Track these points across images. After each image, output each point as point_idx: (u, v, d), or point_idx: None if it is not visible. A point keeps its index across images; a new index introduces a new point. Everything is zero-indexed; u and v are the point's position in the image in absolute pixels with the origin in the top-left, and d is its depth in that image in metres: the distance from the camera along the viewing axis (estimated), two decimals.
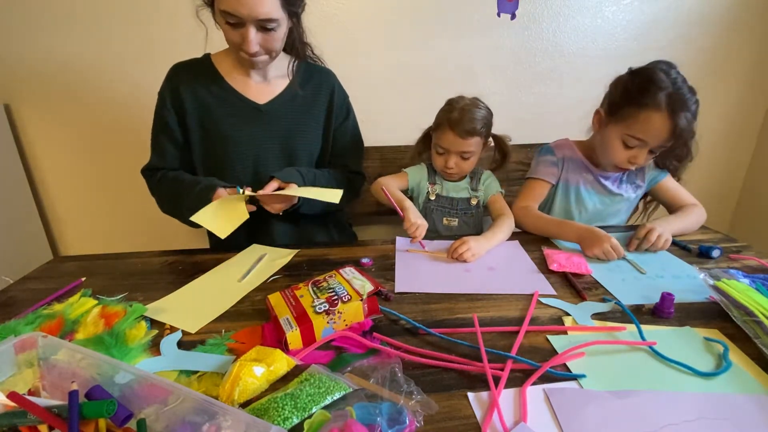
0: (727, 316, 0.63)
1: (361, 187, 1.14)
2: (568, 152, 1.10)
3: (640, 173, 1.07)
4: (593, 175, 1.07)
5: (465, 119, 0.96)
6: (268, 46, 0.87)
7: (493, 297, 0.72)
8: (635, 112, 0.88)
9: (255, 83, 0.98)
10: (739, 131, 1.68)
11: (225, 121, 0.96)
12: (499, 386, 0.50)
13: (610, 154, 0.96)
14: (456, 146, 0.98)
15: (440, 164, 1.03)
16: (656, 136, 0.88)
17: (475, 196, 1.07)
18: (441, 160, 1.02)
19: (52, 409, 0.39)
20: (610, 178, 1.07)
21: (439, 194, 1.07)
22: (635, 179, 1.07)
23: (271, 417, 0.44)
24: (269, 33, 0.84)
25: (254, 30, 0.82)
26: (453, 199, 1.07)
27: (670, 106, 0.85)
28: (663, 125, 0.86)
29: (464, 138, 0.97)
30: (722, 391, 0.50)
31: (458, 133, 0.96)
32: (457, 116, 0.96)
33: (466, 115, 0.96)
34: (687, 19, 1.49)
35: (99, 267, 0.87)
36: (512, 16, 1.44)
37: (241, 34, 0.83)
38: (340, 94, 1.06)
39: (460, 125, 0.96)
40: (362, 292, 0.64)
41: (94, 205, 1.56)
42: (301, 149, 1.01)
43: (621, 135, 0.92)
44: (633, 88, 0.90)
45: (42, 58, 1.35)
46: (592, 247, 0.85)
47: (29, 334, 0.47)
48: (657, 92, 0.85)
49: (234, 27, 0.83)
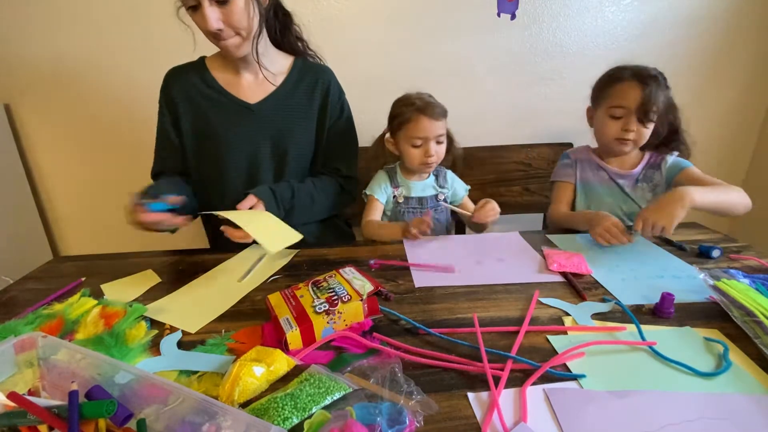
0: (727, 316, 0.63)
1: (354, 190, 1.12)
2: (582, 155, 1.15)
3: (657, 170, 1.07)
4: (608, 173, 1.10)
5: (431, 103, 0.99)
6: (230, 22, 0.84)
7: (494, 297, 0.72)
8: (610, 89, 1.01)
9: (247, 83, 0.97)
10: (739, 131, 1.68)
11: (216, 121, 0.96)
12: (499, 386, 0.50)
13: (606, 132, 1.03)
14: (433, 130, 0.99)
15: (419, 157, 1.01)
16: (634, 99, 0.97)
17: (442, 192, 1.09)
18: (420, 153, 1.01)
19: (52, 409, 0.39)
20: (625, 177, 1.09)
21: (406, 196, 1.07)
22: (652, 176, 1.07)
23: (271, 417, 0.44)
24: (225, 6, 0.82)
25: (208, 3, 0.81)
26: (421, 198, 1.08)
27: (636, 76, 0.98)
28: (636, 91, 0.97)
29: (438, 119, 0.99)
30: (722, 391, 0.49)
31: (432, 116, 0.98)
32: (422, 103, 0.98)
33: (429, 100, 1.00)
34: (687, 19, 1.49)
35: (99, 267, 0.87)
36: (512, 16, 1.44)
37: (201, 15, 0.82)
38: (336, 91, 1.04)
39: (430, 108, 0.98)
40: (362, 292, 0.64)
41: (94, 205, 1.56)
42: (293, 149, 1.00)
43: (606, 111, 1.01)
44: (605, 77, 1.05)
45: (42, 58, 1.35)
46: (595, 227, 0.88)
47: (29, 334, 0.47)
48: (623, 70, 1.01)
49: (195, 10, 0.83)
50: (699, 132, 1.66)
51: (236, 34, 0.86)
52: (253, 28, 0.88)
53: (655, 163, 1.08)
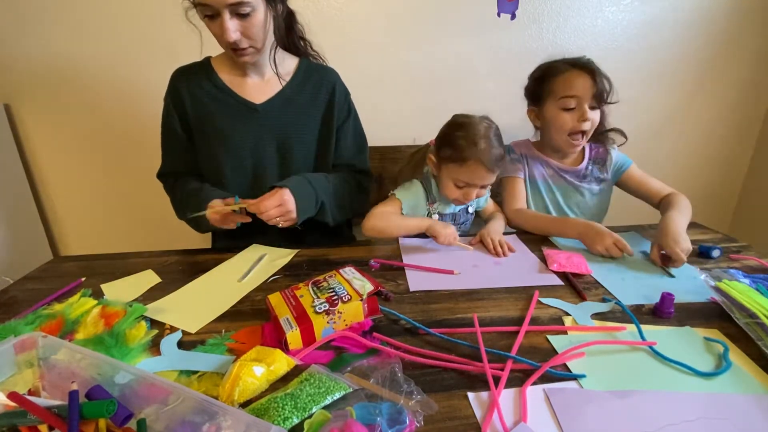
0: (726, 316, 0.63)
1: (369, 185, 1.13)
2: (525, 150, 1.14)
3: (602, 166, 1.10)
4: (553, 169, 1.10)
5: (493, 151, 0.88)
6: (248, 34, 0.85)
7: (494, 297, 0.72)
8: (553, 83, 1.00)
9: (252, 83, 0.98)
10: (739, 131, 1.68)
11: (221, 121, 0.96)
12: (499, 386, 0.50)
13: (561, 126, 1.02)
14: (483, 180, 0.90)
15: (457, 197, 0.94)
16: (584, 87, 0.98)
17: (470, 204, 1.05)
18: (459, 194, 0.93)
19: (52, 409, 0.39)
20: (570, 172, 1.10)
21: (441, 213, 1.02)
22: (599, 172, 1.10)
23: (271, 417, 0.44)
24: (246, 19, 0.83)
25: (228, 16, 0.81)
26: (455, 215, 1.04)
27: (575, 65, 1.00)
28: (583, 78, 0.98)
29: (494, 171, 0.90)
30: (722, 391, 0.49)
31: (488, 166, 0.88)
32: (485, 146, 0.87)
33: (492, 143, 0.88)
34: (687, 19, 1.48)
35: (99, 267, 0.87)
36: (512, 16, 1.43)
37: (219, 24, 0.82)
38: (341, 92, 1.05)
39: (491, 158, 0.87)
40: (362, 292, 0.64)
41: (94, 205, 1.56)
42: (297, 149, 1.00)
43: (557, 105, 1.00)
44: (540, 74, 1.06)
45: (42, 58, 1.35)
46: (595, 245, 0.86)
47: (29, 334, 0.47)
48: (558, 63, 1.02)
49: (212, 19, 0.83)
50: (699, 131, 1.68)
51: (250, 47, 0.88)
52: (269, 40, 0.90)
53: (599, 157, 1.10)
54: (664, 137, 1.64)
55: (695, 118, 1.64)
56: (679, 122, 1.63)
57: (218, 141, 0.96)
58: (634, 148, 1.76)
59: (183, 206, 0.97)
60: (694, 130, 1.66)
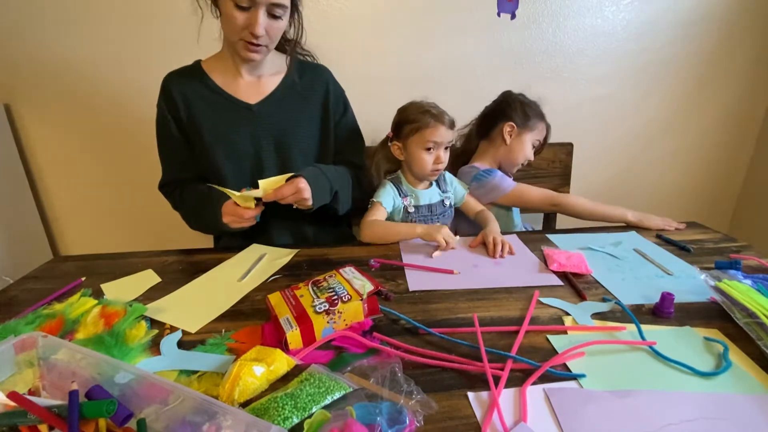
0: (726, 316, 0.63)
1: (365, 181, 1.13)
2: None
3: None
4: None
5: (444, 112, 1.01)
6: (271, 34, 0.87)
7: (494, 297, 0.72)
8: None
9: (245, 83, 0.97)
10: (739, 131, 1.67)
11: (217, 122, 0.95)
12: (499, 386, 0.50)
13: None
14: (446, 137, 1.01)
15: (430, 162, 1.01)
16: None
17: (446, 197, 1.09)
18: (431, 158, 1.01)
19: (52, 409, 0.39)
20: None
21: (416, 205, 1.06)
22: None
23: (271, 417, 0.44)
24: (276, 21, 0.86)
25: (264, 14, 0.83)
26: (430, 206, 1.07)
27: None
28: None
29: (451, 128, 1.02)
30: (722, 391, 0.49)
31: (446, 124, 1.00)
32: (437, 111, 1.00)
33: (441, 109, 1.02)
34: (687, 19, 1.48)
35: (99, 267, 0.87)
36: (512, 16, 1.44)
37: (249, 17, 0.83)
38: (336, 89, 1.05)
39: (444, 116, 1.00)
40: (362, 291, 0.64)
41: (94, 205, 1.56)
42: (295, 148, 1.00)
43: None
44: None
45: (42, 58, 1.35)
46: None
47: (29, 333, 0.47)
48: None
49: (243, 10, 0.83)
50: (698, 132, 1.68)
51: (266, 46, 0.89)
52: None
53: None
54: (664, 137, 1.64)
55: (695, 118, 1.64)
56: (678, 122, 1.63)
57: (215, 143, 0.96)
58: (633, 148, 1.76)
59: (197, 218, 1.00)
60: (694, 129, 1.66)
